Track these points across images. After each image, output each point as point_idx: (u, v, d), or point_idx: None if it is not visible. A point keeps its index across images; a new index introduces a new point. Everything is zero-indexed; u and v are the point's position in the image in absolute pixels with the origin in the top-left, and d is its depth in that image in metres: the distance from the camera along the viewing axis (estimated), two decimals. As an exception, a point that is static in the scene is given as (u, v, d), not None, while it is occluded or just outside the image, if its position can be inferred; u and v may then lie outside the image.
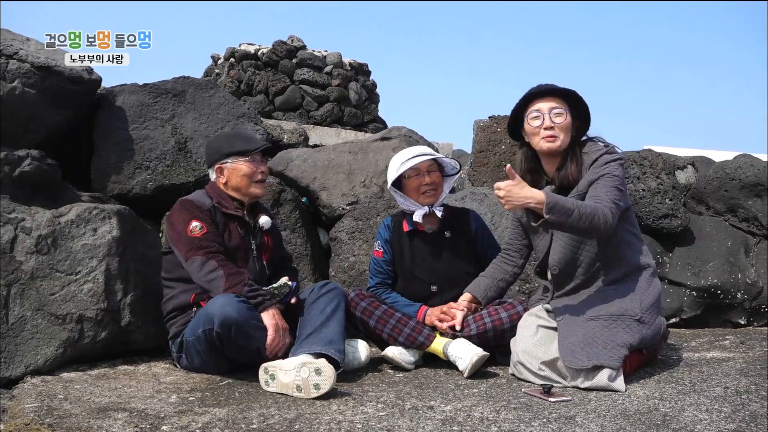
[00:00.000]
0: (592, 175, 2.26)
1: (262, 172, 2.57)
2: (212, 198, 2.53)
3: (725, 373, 2.30)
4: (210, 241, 2.37)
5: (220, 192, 2.56)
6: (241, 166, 2.54)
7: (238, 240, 2.50)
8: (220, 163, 2.56)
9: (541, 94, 2.33)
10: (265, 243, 2.61)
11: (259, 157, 2.58)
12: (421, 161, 2.57)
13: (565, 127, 2.30)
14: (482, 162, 4.24)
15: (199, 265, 2.30)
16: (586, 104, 2.35)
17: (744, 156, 3.77)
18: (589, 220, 2.11)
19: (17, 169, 2.57)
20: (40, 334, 2.36)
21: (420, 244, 2.66)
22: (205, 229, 2.39)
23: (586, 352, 2.11)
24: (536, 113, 2.31)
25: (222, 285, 2.25)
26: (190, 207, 2.46)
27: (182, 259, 2.37)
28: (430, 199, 2.60)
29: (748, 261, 3.54)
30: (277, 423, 1.75)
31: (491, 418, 1.79)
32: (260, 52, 12.40)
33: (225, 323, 2.15)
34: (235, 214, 2.53)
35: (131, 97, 3.45)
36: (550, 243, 2.37)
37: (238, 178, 2.54)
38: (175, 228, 2.42)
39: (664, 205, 3.49)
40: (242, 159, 2.54)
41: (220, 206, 2.51)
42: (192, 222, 2.39)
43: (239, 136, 2.72)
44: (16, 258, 2.39)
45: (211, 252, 2.33)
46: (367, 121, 12.73)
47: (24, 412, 1.83)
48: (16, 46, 2.91)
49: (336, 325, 2.34)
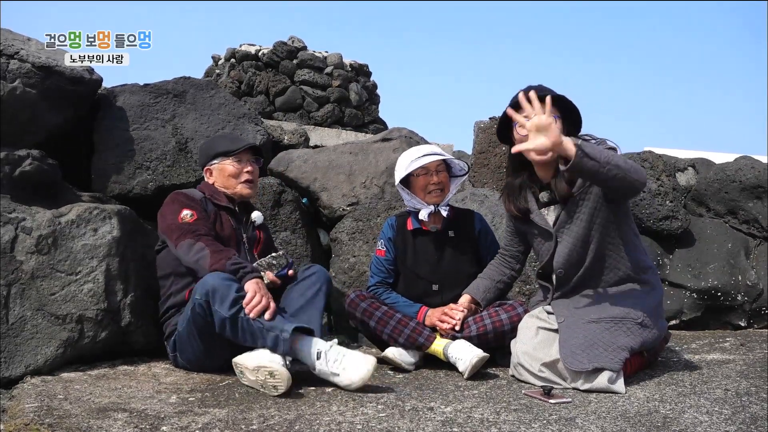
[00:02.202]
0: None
1: (248, 172, 2.62)
2: (204, 192, 2.59)
3: (725, 376, 2.29)
4: (199, 226, 2.39)
5: (212, 188, 2.63)
6: (227, 166, 2.61)
7: (230, 230, 2.53)
8: (209, 165, 2.65)
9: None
10: (256, 236, 2.65)
11: (246, 157, 2.64)
12: (430, 161, 2.58)
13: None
14: (483, 163, 4.24)
15: (187, 247, 2.31)
16: (577, 108, 2.30)
17: (744, 158, 3.77)
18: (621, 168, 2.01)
19: (18, 169, 2.57)
20: (40, 334, 2.36)
21: (423, 242, 2.66)
22: (196, 216, 2.42)
23: (586, 355, 2.11)
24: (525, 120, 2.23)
25: (208, 262, 2.24)
26: (181, 198, 2.50)
27: (172, 246, 2.37)
28: (436, 199, 2.61)
29: (748, 263, 3.54)
30: (277, 424, 1.75)
31: (491, 419, 1.79)
32: (261, 52, 12.41)
33: (205, 290, 2.16)
34: (226, 206, 2.58)
35: (132, 97, 3.45)
36: (555, 247, 2.34)
37: (224, 178, 2.61)
38: (166, 218, 2.44)
39: (664, 207, 3.49)
40: (228, 159, 2.61)
41: (212, 198, 2.57)
42: (183, 210, 2.43)
43: (226, 137, 2.79)
44: (16, 258, 2.39)
45: (199, 234, 2.34)
46: (368, 122, 12.74)
47: (24, 412, 1.83)
48: (17, 46, 2.91)
49: (314, 310, 2.35)
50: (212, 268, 2.23)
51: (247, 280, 2.22)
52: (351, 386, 2.08)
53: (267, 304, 2.17)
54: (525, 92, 2.23)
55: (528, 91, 2.22)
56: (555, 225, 2.33)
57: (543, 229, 2.36)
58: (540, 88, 2.26)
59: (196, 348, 2.33)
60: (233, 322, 2.14)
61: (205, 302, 2.18)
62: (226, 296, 2.14)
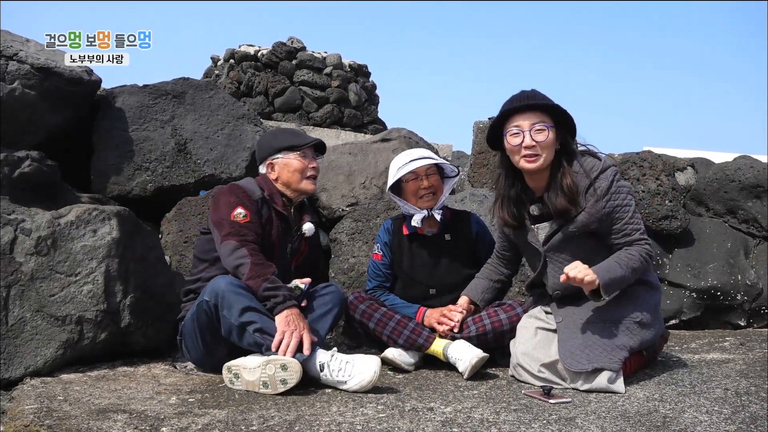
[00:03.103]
0: (597, 209, 2.16)
1: (313, 168, 2.56)
2: (264, 190, 2.50)
3: (725, 375, 2.29)
4: (249, 230, 2.34)
5: (272, 186, 2.54)
6: (292, 161, 2.53)
7: (276, 239, 2.47)
8: (272, 159, 2.55)
9: (521, 109, 2.20)
10: (300, 249, 2.59)
11: (310, 152, 2.58)
12: (418, 165, 2.54)
13: (548, 144, 2.17)
14: (482, 163, 4.24)
15: (231, 249, 2.28)
16: (570, 116, 2.21)
17: (744, 157, 3.77)
18: (638, 269, 2.16)
19: (17, 170, 2.56)
20: (39, 336, 2.36)
21: (419, 247, 2.65)
22: (249, 217, 2.37)
23: (586, 355, 2.11)
24: (516, 130, 2.19)
25: (247, 272, 2.23)
26: (240, 193, 2.43)
27: (218, 239, 2.35)
28: (428, 203, 2.58)
29: (747, 262, 3.54)
30: (276, 425, 1.75)
31: (491, 419, 1.79)
32: (260, 53, 12.42)
33: (215, 293, 2.17)
34: (282, 212, 2.50)
35: (131, 98, 3.45)
36: (544, 265, 2.30)
37: (289, 174, 2.53)
38: (219, 210, 2.39)
39: (663, 207, 3.49)
40: (293, 154, 2.53)
41: (271, 200, 2.49)
42: (238, 207, 2.37)
43: (289, 131, 2.73)
44: (15, 259, 2.39)
45: (247, 240, 2.31)
46: (367, 122, 12.75)
47: (23, 414, 1.82)
48: (15, 47, 2.91)
49: (321, 327, 2.35)
50: (248, 281, 2.21)
51: (277, 312, 2.17)
52: (360, 391, 2.09)
53: (297, 343, 2.11)
54: (518, 98, 2.23)
55: (521, 98, 2.22)
56: (545, 244, 2.29)
57: (533, 247, 2.32)
58: (533, 94, 2.24)
59: (196, 343, 2.34)
60: (240, 331, 2.15)
61: (214, 306, 2.19)
62: (236, 304, 2.14)
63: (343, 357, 2.13)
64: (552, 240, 2.26)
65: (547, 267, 2.31)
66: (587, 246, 2.23)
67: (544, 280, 2.36)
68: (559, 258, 2.26)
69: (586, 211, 2.18)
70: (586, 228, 2.19)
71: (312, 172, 2.56)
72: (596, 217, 2.17)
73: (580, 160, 2.24)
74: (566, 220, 2.21)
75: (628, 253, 2.17)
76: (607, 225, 2.20)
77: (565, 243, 2.24)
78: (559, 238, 2.24)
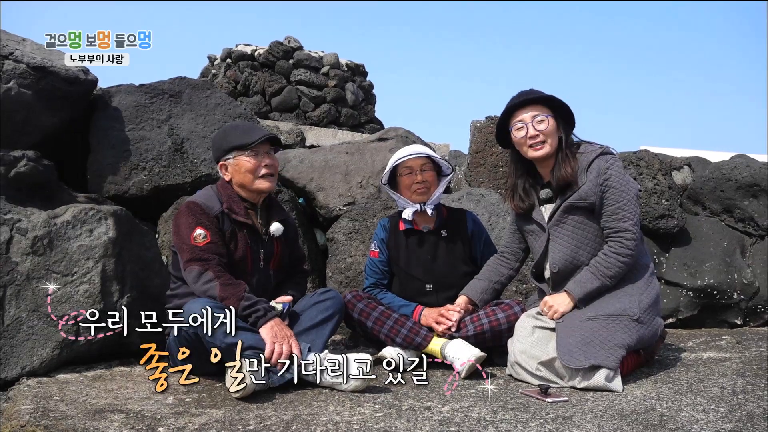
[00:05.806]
0: (595, 183, 2.28)
1: (266, 166, 2.41)
2: (222, 202, 2.39)
3: (722, 374, 2.30)
4: (210, 253, 2.28)
5: (231, 193, 2.43)
6: (243, 162, 2.39)
7: (244, 249, 2.39)
8: (223, 160, 2.44)
9: (521, 104, 2.37)
10: (273, 252, 2.50)
11: (263, 149, 2.43)
12: (412, 158, 2.60)
13: (550, 132, 2.34)
14: (479, 162, 4.24)
15: (196, 275, 2.25)
16: (567, 105, 2.38)
17: (740, 156, 3.78)
18: (616, 275, 2.27)
19: (13, 169, 2.56)
20: (36, 336, 2.35)
21: (416, 242, 2.66)
22: (209, 238, 2.29)
23: (583, 352, 2.11)
24: (520, 124, 2.36)
25: (217, 295, 2.20)
26: (197, 212, 2.33)
27: (182, 265, 2.32)
28: (422, 197, 2.61)
29: (744, 261, 3.55)
30: (273, 424, 1.75)
31: (488, 418, 1.79)
32: (257, 52, 12.40)
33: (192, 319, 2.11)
34: (244, 221, 2.39)
35: (127, 97, 3.44)
36: (547, 242, 2.38)
37: (242, 175, 2.40)
38: (180, 233, 2.33)
39: (660, 206, 3.50)
40: (243, 153, 2.39)
41: (230, 212, 2.37)
42: (197, 229, 2.29)
43: (239, 128, 2.54)
44: (11, 259, 2.38)
45: (209, 263, 2.26)
46: (364, 121, 12.74)
47: (20, 414, 1.82)
48: (12, 46, 2.90)
49: (320, 335, 2.32)
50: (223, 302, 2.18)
51: (261, 325, 2.17)
52: (356, 390, 2.08)
53: (289, 349, 2.13)
54: (517, 96, 2.39)
55: (520, 95, 2.39)
56: (549, 221, 2.37)
57: (538, 224, 2.41)
58: (530, 90, 2.39)
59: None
60: (228, 352, 2.10)
61: (194, 333, 2.15)
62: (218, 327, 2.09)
63: (336, 358, 2.12)
64: (555, 215, 2.36)
65: (549, 243, 2.39)
66: (586, 226, 2.33)
67: (546, 264, 2.41)
68: (560, 234, 2.36)
69: (586, 185, 2.30)
70: (584, 200, 2.30)
71: (266, 170, 2.40)
72: (594, 191, 2.29)
73: (583, 145, 2.40)
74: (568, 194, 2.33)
75: (606, 259, 2.27)
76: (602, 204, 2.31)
77: (567, 216, 2.34)
78: (562, 211, 2.34)
